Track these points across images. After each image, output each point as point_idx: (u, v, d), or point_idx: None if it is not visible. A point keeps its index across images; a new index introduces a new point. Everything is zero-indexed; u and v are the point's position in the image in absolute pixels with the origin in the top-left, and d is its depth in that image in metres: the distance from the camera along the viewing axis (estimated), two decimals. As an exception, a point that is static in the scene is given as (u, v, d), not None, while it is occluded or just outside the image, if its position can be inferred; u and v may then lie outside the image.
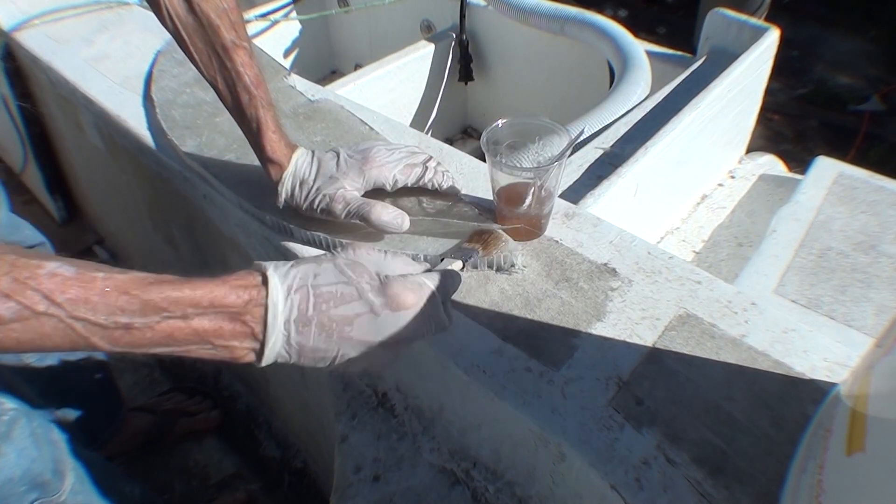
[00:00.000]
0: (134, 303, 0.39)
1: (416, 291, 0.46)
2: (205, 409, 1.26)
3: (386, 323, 0.45)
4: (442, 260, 0.58)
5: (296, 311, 0.43)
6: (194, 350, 0.42)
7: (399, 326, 0.46)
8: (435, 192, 0.71)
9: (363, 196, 0.66)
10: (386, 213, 0.64)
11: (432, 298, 0.47)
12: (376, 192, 0.68)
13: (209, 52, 0.62)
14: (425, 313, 0.46)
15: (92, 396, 1.05)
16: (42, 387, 0.93)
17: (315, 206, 0.65)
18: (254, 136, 0.65)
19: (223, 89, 0.64)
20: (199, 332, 0.41)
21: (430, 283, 0.48)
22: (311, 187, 0.65)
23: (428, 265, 0.53)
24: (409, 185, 0.68)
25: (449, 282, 0.50)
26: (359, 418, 0.66)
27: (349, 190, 0.65)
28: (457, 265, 0.57)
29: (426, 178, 0.69)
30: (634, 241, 0.67)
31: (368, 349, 0.45)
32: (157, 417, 1.21)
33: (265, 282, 0.43)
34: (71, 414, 1.00)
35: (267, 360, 0.44)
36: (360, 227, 0.67)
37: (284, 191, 0.66)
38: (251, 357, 0.44)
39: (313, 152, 0.68)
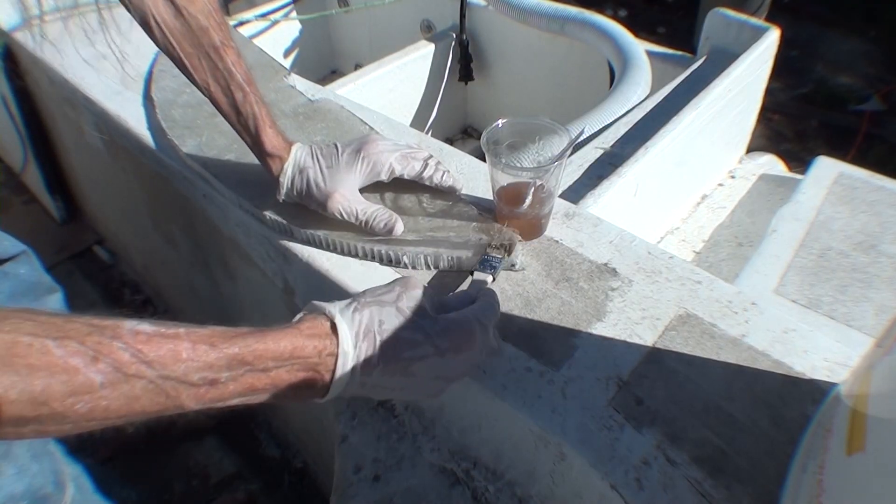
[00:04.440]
0: (221, 358, 0.38)
1: (474, 333, 0.48)
2: None
3: (450, 363, 0.47)
4: (472, 274, 0.61)
5: (363, 356, 0.44)
6: (265, 398, 0.42)
7: (460, 364, 0.47)
8: (435, 192, 0.71)
9: (362, 189, 0.67)
10: (381, 221, 0.65)
11: (486, 332, 0.49)
12: (375, 185, 0.68)
13: (199, 54, 0.62)
14: (482, 347, 0.48)
15: None
16: None
17: (313, 196, 0.66)
18: (251, 133, 0.65)
19: (216, 91, 0.64)
20: (276, 382, 0.41)
21: (483, 318, 0.49)
22: (311, 178, 0.66)
23: (466, 295, 0.54)
24: (407, 176, 0.69)
25: (496, 309, 0.52)
26: (359, 418, 0.66)
27: (347, 187, 0.66)
28: (488, 278, 0.60)
29: (426, 175, 0.69)
30: (634, 241, 0.67)
31: (431, 382, 0.47)
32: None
33: (334, 328, 0.44)
34: None
35: (328, 399, 0.45)
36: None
37: (287, 181, 0.66)
38: (315, 398, 0.45)
39: (311, 146, 0.68)
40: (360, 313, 0.45)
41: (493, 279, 0.61)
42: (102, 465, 0.90)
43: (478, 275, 0.61)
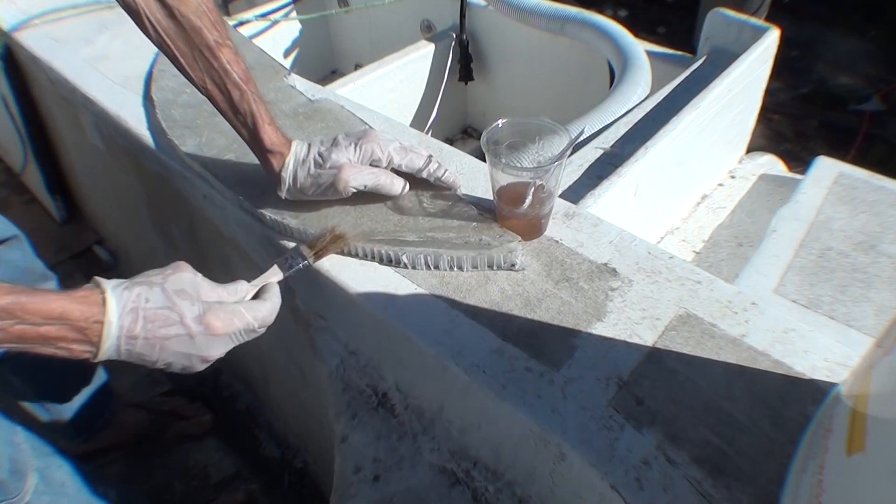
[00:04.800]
0: None
1: (226, 321, 0.54)
2: (199, 413, 1.26)
3: (199, 343, 0.53)
4: (273, 265, 0.62)
5: (126, 328, 0.50)
6: (39, 348, 0.48)
7: (211, 346, 0.54)
8: (435, 192, 0.71)
9: None
10: (397, 184, 0.69)
11: (245, 324, 0.55)
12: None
13: (194, 54, 0.62)
14: (236, 335, 0.55)
15: (79, 387, 1.05)
16: (25, 378, 0.94)
17: (321, 181, 0.66)
18: (250, 131, 0.65)
19: (213, 89, 0.64)
20: (45, 336, 0.48)
21: (247, 313, 0.56)
22: (313, 166, 0.66)
23: (251, 290, 0.60)
24: (406, 168, 0.69)
25: (265, 310, 0.57)
26: (359, 418, 0.66)
27: (354, 163, 0.67)
28: (278, 276, 0.61)
29: (428, 170, 0.69)
30: (634, 241, 0.67)
31: (185, 358, 0.54)
32: (152, 416, 1.21)
33: (105, 301, 0.50)
34: (58, 405, 1.01)
35: (99, 359, 0.51)
36: (360, 224, 0.67)
37: (289, 176, 0.67)
38: (87, 356, 0.51)
39: (310, 142, 0.69)
40: (130, 291, 0.51)
41: (284, 277, 0.62)
42: (97, 468, 0.89)
43: (273, 269, 0.62)
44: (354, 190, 0.67)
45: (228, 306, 0.55)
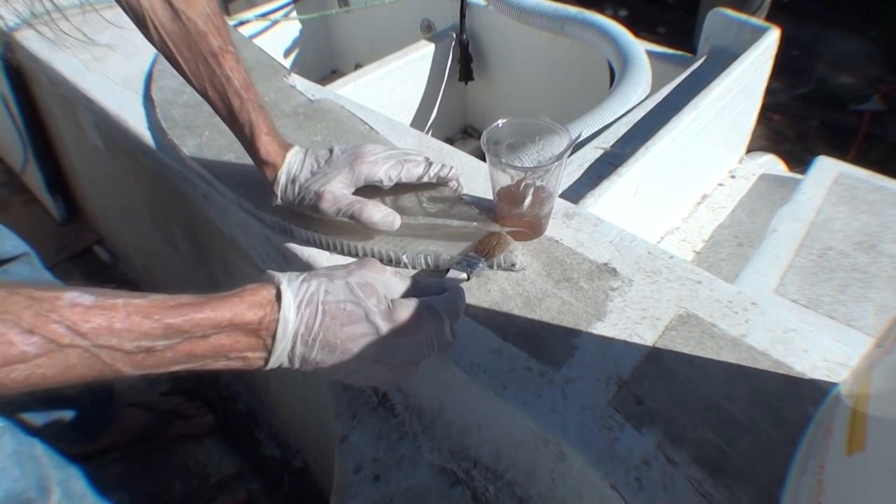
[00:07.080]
0: (157, 327, 0.40)
1: (421, 321, 0.48)
2: (200, 413, 1.26)
3: (389, 345, 0.47)
4: (448, 272, 0.60)
5: (303, 326, 0.45)
6: (210, 363, 0.43)
7: (402, 349, 0.47)
8: (435, 192, 0.71)
9: (356, 193, 0.66)
10: (377, 213, 0.63)
11: (438, 322, 0.49)
12: (375, 190, 0.68)
13: (197, 60, 0.61)
14: (429, 337, 0.48)
15: (80, 390, 1.05)
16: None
17: (305, 203, 0.65)
18: (247, 140, 0.65)
19: (213, 96, 0.63)
20: (216, 347, 0.43)
21: (438, 307, 0.49)
22: (302, 184, 0.65)
23: (436, 284, 0.54)
24: (404, 180, 0.67)
25: (457, 303, 0.51)
26: (359, 418, 0.66)
27: (338, 187, 0.64)
28: (462, 276, 0.59)
29: (429, 175, 0.68)
30: (635, 241, 0.67)
31: (372, 366, 0.47)
32: (153, 416, 1.21)
33: (279, 296, 0.45)
34: (61, 411, 1.01)
35: (271, 366, 0.46)
36: (357, 226, 0.67)
37: (279, 188, 0.66)
38: (260, 363, 0.45)
39: (307, 150, 0.67)
40: (308, 283, 0.46)
41: (468, 278, 0.60)
42: (97, 469, 0.89)
43: (453, 273, 0.60)
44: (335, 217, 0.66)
45: (421, 301, 0.49)
